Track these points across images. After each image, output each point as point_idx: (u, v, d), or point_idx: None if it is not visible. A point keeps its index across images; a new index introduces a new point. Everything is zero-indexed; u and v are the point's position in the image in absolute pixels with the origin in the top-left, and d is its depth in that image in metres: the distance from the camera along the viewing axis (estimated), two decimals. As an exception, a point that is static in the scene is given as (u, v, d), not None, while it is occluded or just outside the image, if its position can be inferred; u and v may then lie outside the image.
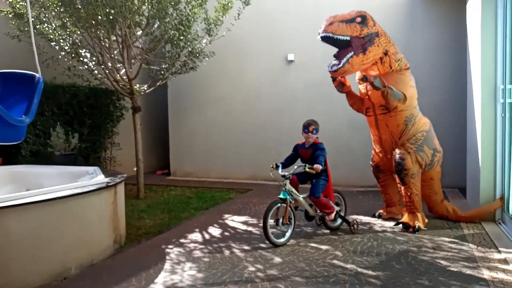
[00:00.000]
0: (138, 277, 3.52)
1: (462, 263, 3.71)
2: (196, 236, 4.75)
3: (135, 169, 6.97)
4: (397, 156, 4.92)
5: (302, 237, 4.63)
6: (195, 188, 7.92)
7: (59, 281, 3.44)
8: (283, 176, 4.46)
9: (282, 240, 4.35)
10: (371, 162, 5.59)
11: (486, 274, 3.45)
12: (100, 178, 4.36)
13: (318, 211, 4.72)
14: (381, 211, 5.52)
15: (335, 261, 3.83)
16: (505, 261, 3.75)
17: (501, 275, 3.42)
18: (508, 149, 4.83)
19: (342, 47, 4.77)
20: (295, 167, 4.54)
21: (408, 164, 4.85)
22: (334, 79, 5.20)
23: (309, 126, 4.67)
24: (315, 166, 4.39)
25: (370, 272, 3.54)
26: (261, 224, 4.66)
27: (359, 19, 4.73)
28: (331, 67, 4.79)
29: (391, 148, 5.13)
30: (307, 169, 4.39)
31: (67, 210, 3.62)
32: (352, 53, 4.70)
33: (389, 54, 4.87)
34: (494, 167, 5.04)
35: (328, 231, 4.82)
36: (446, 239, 4.46)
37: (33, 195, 3.50)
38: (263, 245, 4.33)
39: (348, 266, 3.70)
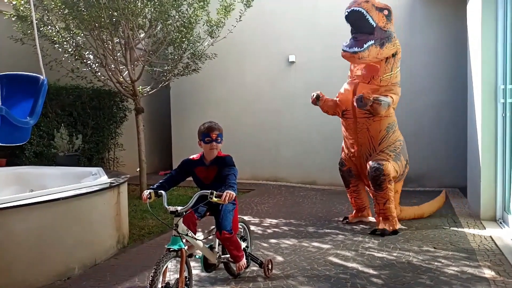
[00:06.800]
0: (141, 277, 3.56)
1: (463, 262, 3.73)
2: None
3: (138, 169, 7.01)
4: (375, 162, 4.63)
5: (303, 236, 4.65)
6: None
7: (63, 281, 3.47)
8: (174, 212, 2.82)
9: None
10: (340, 166, 5.23)
11: (487, 273, 3.47)
12: (104, 179, 4.40)
13: (221, 256, 3.36)
14: (349, 216, 5.28)
15: (336, 260, 3.85)
16: (506, 260, 3.76)
17: (502, 274, 3.44)
18: (509, 149, 4.85)
19: (363, 31, 4.49)
20: (195, 197, 2.96)
21: (387, 169, 4.57)
22: (314, 97, 5.01)
23: (211, 132, 3.17)
24: (226, 194, 2.78)
25: (371, 271, 3.56)
26: (264, 223, 4.56)
27: (386, 12, 4.53)
28: (349, 47, 4.40)
29: (367, 153, 4.85)
30: (214, 199, 2.81)
31: (70, 210, 3.66)
32: (373, 41, 4.42)
33: (396, 58, 4.72)
34: (494, 166, 5.05)
35: (328, 230, 4.84)
36: (447, 238, 4.47)
37: (36, 195, 3.53)
38: (265, 244, 4.35)
39: (350, 265, 3.73)
